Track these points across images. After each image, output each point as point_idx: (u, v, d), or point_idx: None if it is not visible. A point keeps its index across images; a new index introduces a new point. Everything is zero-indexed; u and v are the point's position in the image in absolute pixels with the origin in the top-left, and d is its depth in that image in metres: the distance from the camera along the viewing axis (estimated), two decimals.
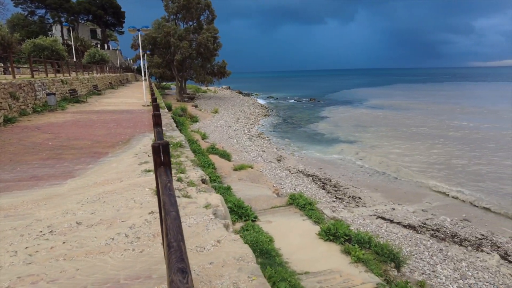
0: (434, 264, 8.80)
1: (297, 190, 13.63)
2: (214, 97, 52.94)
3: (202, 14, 43.50)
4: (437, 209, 12.99)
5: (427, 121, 33.74)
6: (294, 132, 29.43)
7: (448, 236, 10.66)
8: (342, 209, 12.21)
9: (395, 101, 54.35)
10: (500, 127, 29.10)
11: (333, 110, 44.50)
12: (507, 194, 14.38)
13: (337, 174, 17.14)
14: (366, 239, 7.77)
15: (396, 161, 19.71)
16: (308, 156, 20.83)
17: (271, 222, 8.88)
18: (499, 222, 12.05)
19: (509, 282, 8.22)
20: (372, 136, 27.04)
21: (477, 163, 18.96)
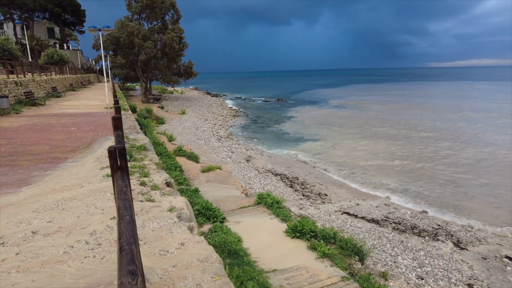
0: (396, 255, 9.25)
1: (265, 189, 13.79)
2: (181, 98, 52.12)
3: (167, 13, 42.68)
4: (397, 203, 13.67)
5: (388, 120, 35.31)
6: (263, 132, 29.68)
7: (408, 228, 11.24)
8: (309, 206, 12.50)
9: (357, 101, 56.37)
10: (458, 125, 31.10)
11: (300, 110, 45.35)
12: (458, 188, 15.43)
13: (304, 172, 17.52)
14: (331, 235, 8.02)
15: (359, 158, 20.48)
16: (276, 156, 21.10)
17: (239, 222, 8.93)
18: (454, 212, 12.88)
19: (460, 267, 8.84)
20: (336, 134, 27.91)
21: (431, 158, 20.15)
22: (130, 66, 42.77)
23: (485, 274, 8.74)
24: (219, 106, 46.50)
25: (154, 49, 39.64)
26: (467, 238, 10.73)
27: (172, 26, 42.31)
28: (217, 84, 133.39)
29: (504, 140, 24.50)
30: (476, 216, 12.49)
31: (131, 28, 37.12)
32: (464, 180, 16.35)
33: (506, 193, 14.55)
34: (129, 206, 1.87)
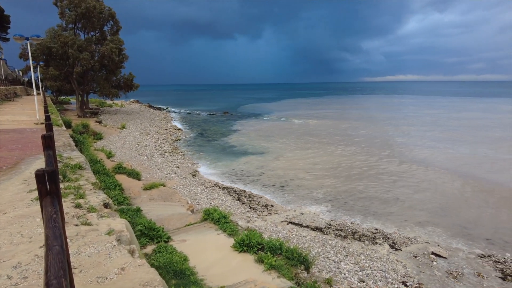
0: (339, 261, 9.70)
1: (212, 204, 13.65)
2: (121, 111, 49.71)
3: (106, 24, 40.85)
4: (338, 210, 14.40)
5: (327, 132, 37.33)
6: (209, 145, 29.44)
7: (349, 234, 11.87)
8: (256, 219, 12.62)
9: (299, 114, 58.80)
10: (391, 135, 33.92)
11: (245, 123, 45.95)
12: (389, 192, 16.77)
13: (250, 185, 17.69)
14: (278, 246, 8.17)
15: (301, 167, 21.27)
16: (223, 169, 21.03)
17: (185, 240, 8.69)
18: (387, 215, 13.93)
19: (396, 266, 9.56)
20: (280, 145, 28.73)
21: (364, 165, 21.69)
22: (65, 78, 39.88)
23: (416, 271, 9.55)
24: (162, 119, 45.20)
25: (92, 60, 37.50)
26: (401, 239, 11.64)
27: (111, 37, 40.53)
28: (160, 97, 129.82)
29: (431, 149, 27.29)
30: (406, 220, 13.63)
31: (64, 38, 34.72)
32: (395, 189, 17.80)
33: (427, 198, 16.15)
34: (59, 235, 1.75)
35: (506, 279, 9.26)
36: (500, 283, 9.07)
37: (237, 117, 53.40)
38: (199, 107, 76.71)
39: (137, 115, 46.53)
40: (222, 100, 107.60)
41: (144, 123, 38.74)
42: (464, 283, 9.04)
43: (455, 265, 9.96)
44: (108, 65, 39.66)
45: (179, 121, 47.35)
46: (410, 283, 8.82)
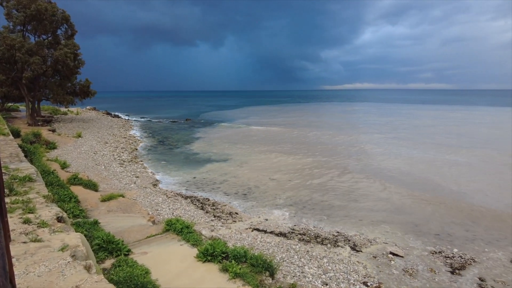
0: (303, 266, 9.84)
1: (175, 214, 13.31)
2: (76, 119, 47.19)
3: (59, 27, 38.70)
4: (301, 215, 14.65)
5: (290, 137, 38.09)
6: (171, 153, 28.76)
7: (312, 238, 12.11)
8: (220, 227, 12.48)
9: (262, 120, 59.50)
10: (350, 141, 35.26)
11: (208, 130, 45.57)
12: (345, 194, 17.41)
13: (214, 193, 17.50)
14: (242, 253, 8.14)
15: (264, 174, 21.46)
16: (186, 178, 20.62)
17: (146, 253, 8.39)
18: (347, 218, 14.41)
19: (357, 268, 9.88)
20: (243, 152, 28.80)
21: (323, 167, 22.39)
22: (12, 83, 37.11)
23: (376, 270, 9.94)
24: (121, 127, 43.53)
25: (44, 65, 35.31)
26: (361, 241, 12.07)
27: (65, 42, 38.46)
28: (119, 104, 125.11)
29: (386, 154, 28.74)
30: (366, 222, 14.19)
31: (11, 41, 32.40)
32: (354, 192, 18.50)
33: (383, 199, 16.97)
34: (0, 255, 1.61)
35: (454, 273, 9.93)
36: (449, 277, 9.70)
37: (199, 124, 52.80)
38: (160, 114, 74.88)
39: (94, 123, 44.44)
40: (184, 107, 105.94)
41: (102, 131, 37.07)
42: (418, 279, 9.55)
43: (410, 263, 10.50)
44: (63, 70, 37.56)
45: (139, 128, 45.86)
46: (370, 283, 9.15)
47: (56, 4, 37.78)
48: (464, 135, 38.26)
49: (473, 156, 26.58)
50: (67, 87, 41.15)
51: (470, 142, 33.52)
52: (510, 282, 9.57)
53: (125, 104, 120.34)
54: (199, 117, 67.90)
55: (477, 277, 9.79)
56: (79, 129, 36.08)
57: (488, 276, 9.85)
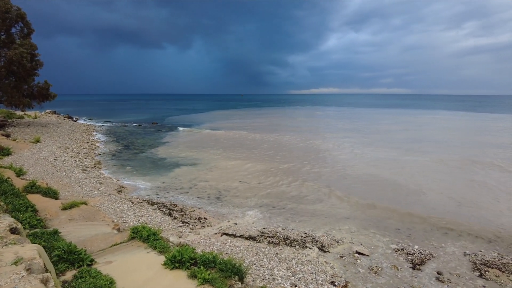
0: (272, 268, 9.90)
1: (141, 221, 12.93)
2: (34, 123, 44.52)
3: (14, 26, 36.46)
4: (270, 218, 14.76)
5: (258, 140, 38.31)
6: (136, 158, 27.91)
7: (281, 240, 12.23)
8: (189, 233, 12.28)
9: (231, 124, 59.43)
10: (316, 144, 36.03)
11: (175, 134, 44.77)
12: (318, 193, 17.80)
13: (182, 198, 17.20)
14: (211, 259, 8.05)
15: (233, 177, 21.43)
16: (152, 183, 20.09)
17: (111, 262, 8.06)
18: (314, 219, 14.71)
19: (325, 268, 10.10)
20: (211, 156, 28.58)
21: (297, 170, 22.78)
22: None
23: (343, 270, 10.22)
24: (83, 132, 41.67)
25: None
26: (328, 241, 12.36)
27: (21, 41, 36.30)
28: (81, 107, 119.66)
29: (351, 154, 29.68)
30: (333, 222, 14.56)
31: None
32: (321, 192, 18.94)
33: (348, 198, 17.52)
34: None
35: (415, 268, 10.44)
36: (411, 272, 10.18)
37: (166, 128, 51.68)
38: (125, 118, 72.48)
39: (54, 127, 42.17)
40: (150, 111, 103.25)
41: (63, 136, 35.26)
42: (383, 276, 9.93)
43: (375, 261, 10.90)
44: (18, 71, 35.40)
45: (103, 133, 44.10)
46: (338, 283, 9.38)
47: (10, 1, 35.65)
48: (424, 138, 40.44)
49: (431, 157, 28.13)
50: (24, 89, 38.81)
51: (430, 144, 35.49)
52: (463, 274, 10.22)
53: (88, 108, 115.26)
54: (166, 121, 66.50)
55: (435, 271, 10.35)
56: (38, 134, 34.06)
57: (445, 270, 10.45)
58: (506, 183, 20.22)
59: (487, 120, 67.12)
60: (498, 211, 15.66)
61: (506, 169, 23.73)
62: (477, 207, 16.29)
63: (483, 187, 19.61)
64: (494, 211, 15.68)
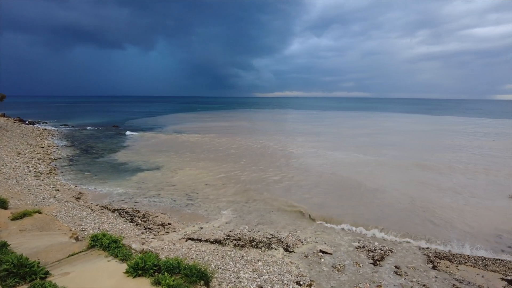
0: (238, 271, 9.90)
1: (101, 229, 12.40)
2: None
3: None
4: (236, 220, 14.76)
5: (223, 143, 38.20)
6: (96, 163, 26.71)
7: (247, 242, 12.26)
8: (152, 239, 11.95)
9: (195, 126, 58.77)
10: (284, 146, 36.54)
11: (138, 137, 43.42)
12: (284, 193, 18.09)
13: (144, 204, 16.71)
14: (176, 264, 7.89)
15: (198, 180, 21.20)
16: (113, 189, 19.31)
17: (69, 273, 7.65)
18: (286, 220, 14.91)
19: (290, 268, 10.27)
20: (175, 160, 28.06)
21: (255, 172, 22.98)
22: None
23: (308, 269, 10.44)
24: (38, 136, 39.20)
25: None
26: (293, 241, 12.58)
27: None
28: (34, 110, 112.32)
29: (314, 156, 30.43)
30: (296, 222, 14.84)
31: None
32: (285, 193, 19.25)
33: (311, 196, 17.97)
34: None
35: (375, 264, 10.92)
36: (372, 268, 10.63)
37: (128, 131, 49.91)
38: (84, 121, 69.07)
39: (4, 131, 39.27)
40: (111, 113, 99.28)
41: (13, 141, 32.93)
42: (346, 274, 10.27)
43: (338, 259, 11.26)
44: None
45: (59, 137, 41.71)
46: (303, 282, 9.57)
47: None
48: (384, 140, 42.44)
49: (390, 156, 29.59)
50: None
51: (389, 146, 37.29)
52: (418, 267, 10.86)
53: (43, 111, 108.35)
54: (128, 124, 64.27)
55: (394, 265, 10.89)
56: None
57: (403, 264, 11.03)
58: (455, 182, 21.77)
59: (438, 122, 72.11)
60: (447, 206, 16.80)
61: (456, 169, 25.55)
62: (428, 202, 17.35)
63: (433, 186, 20.96)
64: (443, 206, 16.79)
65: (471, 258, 11.57)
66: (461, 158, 29.61)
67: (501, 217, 15.59)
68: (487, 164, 26.89)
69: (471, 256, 11.76)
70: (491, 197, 18.57)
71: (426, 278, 10.12)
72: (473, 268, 10.83)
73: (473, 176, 23.05)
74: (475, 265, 11.07)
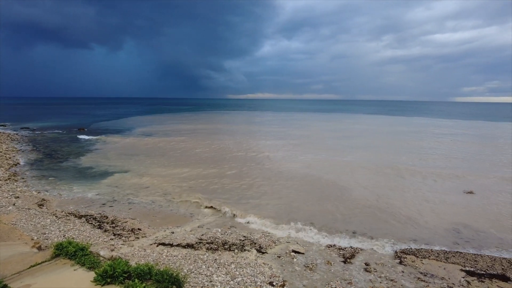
0: (211, 274, 9.81)
1: (66, 236, 11.85)
2: None
3: None
4: (208, 223, 14.64)
5: (193, 144, 37.79)
6: (61, 168, 25.52)
7: (220, 246, 12.18)
8: (121, 245, 11.59)
9: (165, 129, 57.63)
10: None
11: (104, 140, 41.99)
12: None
13: (113, 209, 16.19)
14: (147, 270, 7.73)
15: (167, 184, 20.84)
16: (79, 194, 18.55)
17: (30, 285, 7.26)
18: (252, 220, 14.96)
19: (263, 269, 10.32)
20: (142, 163, 27.40)
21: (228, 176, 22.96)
22: None
23: (280, 270, 10.53)
24: None
25: None
26: (266, 242, 12.65)
27: None
28: None
29: (286, 158, 30.80)
30: (268, 222, 14.95)
31: None
32: (256, 193, 19.34)
33: (282, 197, 18.20)
34: None
35: (346, 262, 11.22)
36: (342, 266, 10.91)
37: (95, 134, 48.02)
38: (48, 123, 65.71)
39: None
40: (78, 116, 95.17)
41: None
42: (318, 272, 10.47)
43: (310, 258, 11.45)
44: None
45: (20, 141, 39.44)
46: (276, 282, 9.64)
47: None
48: (353, 140, 43.70)
49: (358, 157, 30.53)
50: None
51: (357, 147, 38.44)
52: (387, 262, 11.27)
53: (2, 112, 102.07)
54: (95, 126, 61.96)
55: (364, 262, 11.24)
56: None
57: (372, 260, 11.41)
58: (416, 181, 22.86)
59: (403, 123, 75.46)
60: (410, 203, 17.59)
61: (417, 168, 26.82)
62: (392, 200, 18.09)
63: (397, 185, 21.89)
64: (406, 203, 17.58)
65: (434, 252, 12.18)
66: (421, 157, 31.15)
67: (458, 211, 16.65)
68: (444, 163, 28.47)
69: (434, 250, 12.38)
70: (449, 193, 19.72)
71: (394, 273, 10.53)
72: (436, 261, 11.41)
73: (431, 175, 24.28)
74: (437, 258, 11.66)
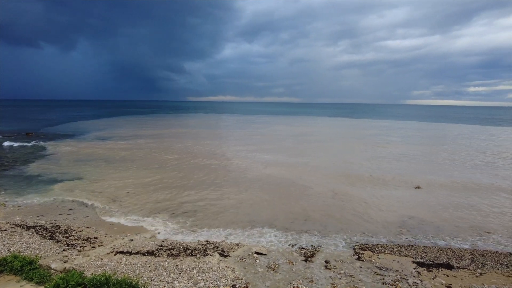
0: (172, 281, 9.57)
1: (12, 250, 10.95)
2: None
3: None
4: (169, 229, 14.29)
5: (149, 149, 36.78)
6: (6, 177, 23.57)
7: (182, 251, 11.93)
8: (76, 256, 10.95)
9: (121, 133, 55.44)
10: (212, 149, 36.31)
11: (55, 145, 39.46)
12: None
13: (67, 218, 15.26)
14: (103, 281, 7.37)
15: (121, 189, 20.15)
16: (27, 204, 17.26)
17: None
18: (215, 225, 14.86)
19: (226, 273, 10.27)
20: (96, 169, 26.19)
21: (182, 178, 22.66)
22: None
23: (243, 272, 10.55)
24: None
25: None
26: (229, 246, 12.62)
27: None
28: None
29: (246, 159, 30.94)
30: (232, 226, 14.94)
31: None
32: (217, 199, 19.25)
33: (243, 201, 18.30)
34: None
35: (307, 261, 11.51)
36: (304, 265, 11.17)
37: (44, 139, 44.94)
38: None
39: None
40: (25, 120, 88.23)
41: None
42: (280, 273, 10.62)
43: (273, 259, 11.59)
44: None
45: None
46: (239, 285, 9.64)
47: None
48: (311, 144, 44.92)
49: (315, 158, 31.48)
50: None
51: (315, 149, 39.58)
52: (345, 259, 11.73)
53: None
54: (45, 131, 57.90)
55: (324, 260, 11.59)
56: None
57: (332, 258, 11.81)
58: (370, 178, 24.07)
59: (358, 124, 79.01)
60: (365, 200, 18.48)
61: (370, 167, 28.23)
62: (348, 197, 18.89)
63: (352, 182, 22.90)
64: (362, 200, 18.44)
65: (388, 247, 12.88)
66: (374, 156, 32.85)
67: (409, 205, 17.84)
68: (397, 161, 30.26)
69: (388, 245, 13.09)
70: (400, 188, 21.02)
71: (352, 269, 10.97)
72: (390, 255, 12.07)
73: (383, 173, 25.70)
74: (392, 252, 12.34)
